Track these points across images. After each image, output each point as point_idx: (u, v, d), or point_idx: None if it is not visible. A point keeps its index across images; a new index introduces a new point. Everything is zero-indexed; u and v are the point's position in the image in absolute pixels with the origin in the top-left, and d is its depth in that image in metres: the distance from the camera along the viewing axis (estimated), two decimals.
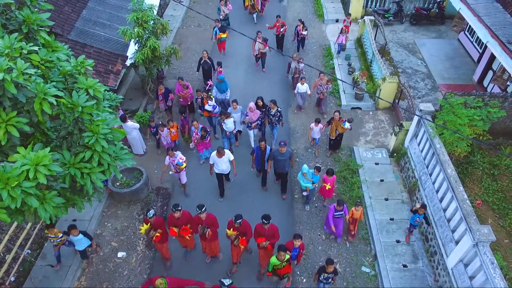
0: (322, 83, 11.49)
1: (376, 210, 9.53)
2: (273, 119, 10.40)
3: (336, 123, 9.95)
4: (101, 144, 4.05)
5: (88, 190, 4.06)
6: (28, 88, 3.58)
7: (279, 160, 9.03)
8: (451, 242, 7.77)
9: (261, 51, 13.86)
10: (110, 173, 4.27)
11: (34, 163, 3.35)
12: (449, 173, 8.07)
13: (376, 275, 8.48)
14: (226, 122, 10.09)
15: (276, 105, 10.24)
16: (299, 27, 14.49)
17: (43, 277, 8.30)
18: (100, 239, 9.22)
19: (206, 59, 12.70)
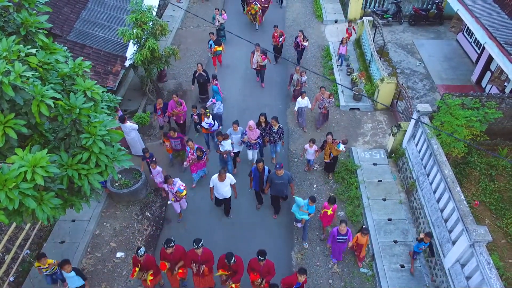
0: (323, 97, 11.13)
1: (374, 210, 9.56)
2: (275, 136, 10.03)
3: (329, 146, 9.51)
4: (98, 146, 4.08)
5: (86, 191, 4.10)
6: (26, 91, 3.62)
7: (276, 184, 8.62)
8: (448, 243, 7.81)
9: (260, 64, 13.25)
10: (108, 174, 4.31)
11: (32, 164, 3.38)
12: (446, 173, 8.11)
13: (373, 275, 8.51)
14: (223, 144, 9.60)
15: (278, 122, 9.88)
16: (299, 38, 13.90)
17: (42, 277, 8.33)
18: (99, 239, 9.26)
19: (201, 72, 12.25)
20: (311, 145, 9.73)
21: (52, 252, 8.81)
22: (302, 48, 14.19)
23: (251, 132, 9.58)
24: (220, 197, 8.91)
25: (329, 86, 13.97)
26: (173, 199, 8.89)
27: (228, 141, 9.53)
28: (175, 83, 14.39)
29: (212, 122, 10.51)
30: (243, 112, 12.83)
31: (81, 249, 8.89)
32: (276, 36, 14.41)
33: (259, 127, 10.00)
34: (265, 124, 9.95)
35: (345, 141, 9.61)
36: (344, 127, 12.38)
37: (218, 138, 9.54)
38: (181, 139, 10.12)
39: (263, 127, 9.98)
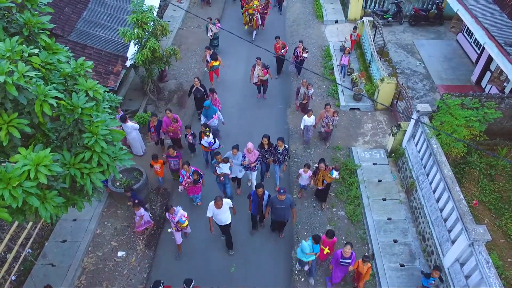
0: (328, 115, 10.62)
1: (374, 210, 9.60)
2: (280, 157, 9.61)
3: (322, 173, 8.98)
4: (100, 145, 4.13)
5: (88, 190, 4.14)
6: (29, 90, 3.66)
7: (277, 209, 8.22)
8: (448, 242, 7.84)
9: (261, 79, 12.74)
10: (110, 173, 4.36)
11: (35, 163, 3.43)
12: (446, 173, 8.14)
13: (373, 274, 8.55)
14: (221, 166, 9.06)
15: (284, 143, 9.46)
16: (299, 49, 13.36)
17: (43, 276, 8.39)
18: (100, 238, 9.30)
19: (198, 87, 11.75)
20: (305, 170, 9.22)
21: (53, 251, 8.88)
22: (302, 60, 13.59)
23: (250, 155, 9.19)
24: (220, 223, 8.36)
25: (329, 86, 14.04)
26: (173, 228, 8.34)
27: (226, 164, 9.03)
28: (175, 83, 14.44)
29: (212, 140, 10.15)
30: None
31: (82, 248, 8.93)
32: (278, 48, 13.87)
33: (262, 149, 9.60)
34: (269, 146, 9.55)
35: (338, 167, 9.17)
36: (344, 127, 12.41)
37: (217, 158, 9.01)
38: (180, 158, 9.79)
39: (266, 149, 9.57)
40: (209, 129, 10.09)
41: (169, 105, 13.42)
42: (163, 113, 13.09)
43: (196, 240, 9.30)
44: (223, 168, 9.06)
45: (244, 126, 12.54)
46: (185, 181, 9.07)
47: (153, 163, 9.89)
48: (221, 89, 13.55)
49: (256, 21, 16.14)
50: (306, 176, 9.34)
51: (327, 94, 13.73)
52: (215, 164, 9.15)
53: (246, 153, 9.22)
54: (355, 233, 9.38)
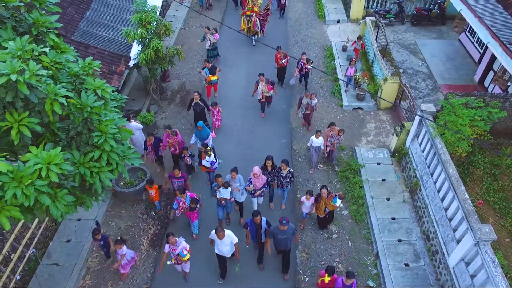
0: (333, 134, 10.13)
1: (378, 209, 9.60)
2: (284, 181, 9.02)
3: (324, 201, 8.39)
4: (109, 144, 4.13)
5: (97, 189, 4.15)
6: (40, 89, 3.66)
7: (279, 239, 7.67)
8: (453, 241, 7.84)
9: (266, 95, 12.05)
10: (118, 172, 4.36)
11: (46, 162, 3.43)
12: (451, 173, 8.14)
13: (378, 274, 8.55)
14: (221, 191, 8.54)
15: (288, 165, 8.86)
16: (303, 61, 12.73)
17: (48, 276, 8.39)
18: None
19: (197, 101, 11.27)
20: (308, 197, 8.63)
21: (58, 251, 8.88)
22: (307, 72, 13.08)
23: (256, 180, 8.49)
24: (219, 253, 7.86)
25: (332, 86, 14.04)
26: (173, 260, 7.79)
27: (227, 189, 8.50)
28: (178, 83, 14.45)
29: (214, 159, 9.64)
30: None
31: (86, 247, 8.93)
32: (279, 58, 13.26)
33: (265, 171, 8.94)
34: (272, 168, 8.96)
35: (342, 195, 8.56)
36: (347, 126, 12.41)
37: (217, 181, 8.47)
38: (185, 179, 9.21)
39: (270, 171, 8.97)
40: (209, 148, 9.56)
41: (172, 104, 13.44)
42: (167, 112, 13.13)
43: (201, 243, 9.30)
44: (223, 193, 8.54)
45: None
46: (181, 207, 8.53)
47: (148, 188, 9.21)
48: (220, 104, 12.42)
49: (254, 23, 15.42)
50: (309, 203, 8.73)
51: (329, 94, 13.74)
52: (215, 187, 8.61)
53: (252, 177, 8.54)
54: (359, 232, 9.39)
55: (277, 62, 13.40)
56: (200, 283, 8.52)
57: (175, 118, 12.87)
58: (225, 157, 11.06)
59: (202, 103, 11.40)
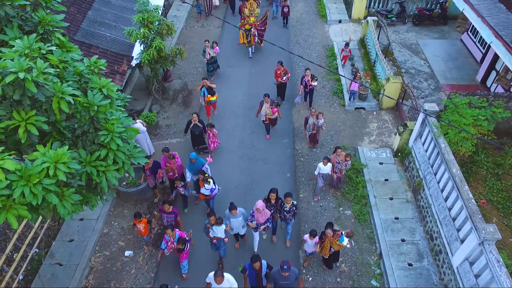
0: (339, 159, 9.47)
1: (381, 209, 9.59)
2: (287, 215, 8.37)
3: (330, 240, 7.66)
4: (116, 143, 4.12)
5: (104, 187, 4.14)
6: (47, 88, 3.65)
7: (281, 284, 7.06)
8: (456, 241, 7.83)
9: (270, 118, 11.24)
10: (124, 171, 4.35)
11: (54, 160, 3.42)
12: (454, 172, 8.13)
13: (381, 273, 8.54)
14: (214, 230, 7.79)
15: (291, 198, 8.18)
16: (307, 77, 11.94)
17: (51, 275, 8.38)
18: (107, 238, 9.29)
19: (196, 123, 10.53)
20: (311, 237, 7.93)
21: (61, 251, 8.87)
22: (311, 89, 12.32)
23: (260, 215, 7.87)
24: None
25: (334, 86, 14.03)
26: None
27: (221, 227, 7.81)
28: (180, 82, 14.44)
29: (213, 186, 8.93)
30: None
31: (89, 247, 8.92)
32: (279, 74, 12.35)
33: (268, 203, 8.31)
34: (276, 201, 8.33)
35: (350, 233, 7.76)
36: (349, 126, 12.41)
37: (210, 219, 7.77)
38: (176, 215, 8.48)
39: (273, 204, 8.34)
40: (208, 175, 8.89)
41: (174, 104, 13.44)
42: (169, 111, 13.12)
43: None
44: (217, 231, 7.82)
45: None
46: (169, 247, 7.86)
47: (136, 222, 8.40)
48: (219, 123, 12.05)
49: (253, 36, 14.99)
50: (312, 243, 8.02)
51: (331, 94, 13.73)
52: (207, 224, 7.87)
53: (255, 212, 7.90)
54: (362, 232, 9.37)
55: (277, 78, 12.52)
56: None
57: (177, 118, 12.87)
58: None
59: (201, 125, 10.61)
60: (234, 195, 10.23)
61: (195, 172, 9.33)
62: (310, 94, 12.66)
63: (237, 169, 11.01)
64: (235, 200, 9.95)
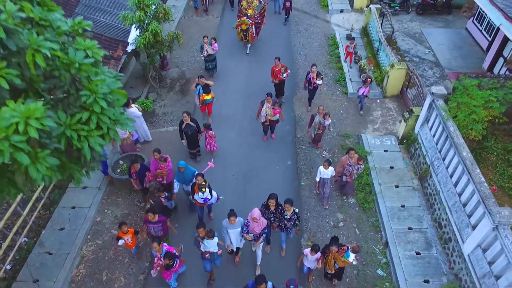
0: (351, 162, 8.63)
1: (386, 197, 9.17)
2: (288, 224, 7.49)
3: (334, 256, 6.86)
4: (100, 105, 3.71)
5: (86, 154, 3.71)
6: (19, 36, 3.24)
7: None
8: (468, 227, 7.41)
9: (270, 119, 10.27)
10: (110, 138, 3.92)
11: (25, 116, 3.00)
12: (465, 155, 7.72)
13: (387, 262, 8.12)
14: (205, 243, 6.90)
15: (292, 205, 7.34)
16: (312, 74, 11.02)
17: (40, 265, 7.96)
18: (100, 226, 8.87)
19: (188, 122, 9.45)
20: (312, 253, 7.00)
21: (51, 240, 8.45)
22: (315, 87, 11.36)
23: (255, 224, 6.97)
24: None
25: (336, 74, 13.62)
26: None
27: (213, 240, 6.89)
28: (178, 71, 14.02)
29: (208, 196, 7.95)
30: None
31: (81, 236, 8.50)
32: (277, 72, 11.30)
33: (268, 210, 7.53)
34: (276, 208, 7.49)
35: (356, 248, 6.86)
36: (352, 114, 12.00)
37: (199, 232, 6.78)
38: (163, 222, 7.53)
39: (272, 211, 7.50)
40: (205, 182, 7.84)
41: (171, 92, 13.02)
42: (166, 99, 12.70)
43: None
44: (209, 245, 6.89)
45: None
46: (156, 264, 6.97)
47: (121, 234, 7.40)
48: (215, 126, 10.85)
49: (251, 35, 14.18)
50: (313, 258, 7.12)
51: (334, 82, 13.32)
52: (198, 238, 6.91)
53: (250, 221, 6.96)
54: (367, 220, 8.96)
55: (274, 76, 11.44)
56: None
57: (174, 106, 12.45)
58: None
59: (194, 124, 9.56)
60: (233, 184, 9.83)
61: (184, 182, 8.38)
62: (313, 92, 11.65)
63: (236, 157, 10.59)
64: (235, 188, 9.63)
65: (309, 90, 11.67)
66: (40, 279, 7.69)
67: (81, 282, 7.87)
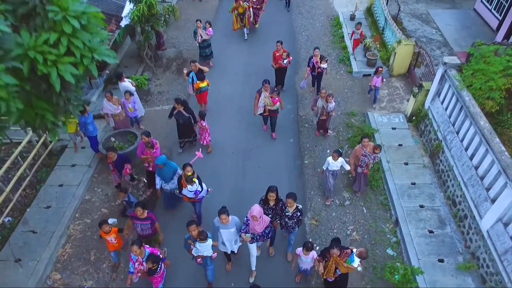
0: (366, 151, 7.69)
1: (395, 174, 8.58)
2: (289, 222, 6.46)
3: (335, 261, 5.79)
4: (71, 24, 3.12)
5: (54, 84, 3.12)
6: None
7: None
8: (486, 201, 6.81)
9: (270, 108, 9.22)
10: (84, 68, 3.32)
11: None
12: (482, 125, 7.13)
13: (398, 242, 7.52)
14: (198, 247, 5.96)
15: (295, 200, 6.30)
16: (316, 58, 10.14)
17: (23, 244, 7.37)
18: (89, 205, 8.29)
19: (180, 110, 8.60)
20: (305, 252, 6.00)
21: (36, 218, 7.87)
22: (320, 72, 10.50)
23: (256, 223, 5.98)
24: None
25: (340, 54, 13.03)
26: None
27: (207, 242, 5.94)
28: (175, 51, 13.47)
29: (199, 188, 6.99)
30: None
31: (68, 214, 7.92)
32: (278, 57, 10.39)
33: (267, 206, 6.49)
34: (275, 203, 6.45)
35: (364, 253, 5.68)
36: (357, 93, 11.42)
37: (190, 229, 5.85)
38: (152, 220, 6.59)
39: (271, 207, 6.48)
40: (193, 172, 6.88)
41: (167, 72, 12.44)
42: (161, 79, 12.12)
43: None
44: (202, 249, 5.98)
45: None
46: (137, 269, 5.91)
47: (103, 234, 6.53)
48: (209, 117, 9.77)
49: (248, 19, 13.38)
50: (308, 258, 6.16)
51: (337, 61, 12.73)
52: (189, 241, 6.01)
53: (250, 220, 5.98)
54: (375, 199, 8.36)
55: (275, 62, 10.59)
56: None
57: (170, 85, 11.88)
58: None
59: (187, 114, 8.70)
60: (232, 160, 9.25)
61: (165, 179, 7.34)
62: (318, 78, 10.73)
63: (235, 134, 10.01)
64: (233, 165, 9.04)
65: (313, 76, 10.80)
66: (23, 258, 7.12)
67: (67, 261, 7.28)
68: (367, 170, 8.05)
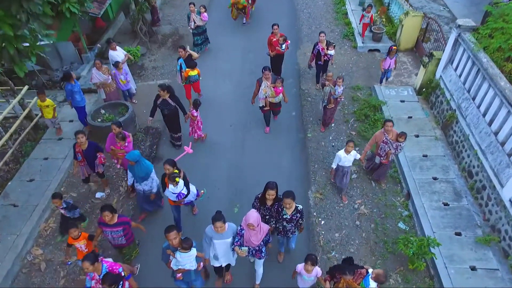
0: (388, 138, 6.61)
1: (406, 146, 7.86)
2: (288, 226, 5.37)
3: (348, 284, 4.74)
4: None
5: None
6: None
7: None
8: (508, 168, 6.22)
9: (272, 101, 8.03)
10: None
11: None
12: (503, 85, 6.52)
13: (410, 215, 6.92)
14: (178, 257, 4.77)
15: (294, 200, 5.10)
16: (321, 44, 9.00)
17: (2, 217, 6.79)
18: (75, 178, 7.66)
19: (165, 98, 7.36)
20: (309, 268, 4.88)
21: (17, 191, 7.28)
22: (326, 60, 9.29)
23: (253, 233, 4.91)
24: None
25: (343, 29, 12.43)
26: None
27: (189, 252, 4.76)
28: (170, 28, 12.89)
29: (184, 191, 5.83)
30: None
31: (53, 187, 7.32)
32: (274, 43, 9.19)
33: (264, 206, 5.47)
34: (274, 202, 5.39)
35: (382, 277, 4.62)
36: (362, 68, 10.83)
37: (169, 238, 4.66)
38: (126, 225, 5.43)
39: (268, 207, 5.44)
40: (178, 171, 5.86)
41: (163, 48, 11.84)
42: (156, 54, 11.52)
43: None
44: (183, 260, 4.78)
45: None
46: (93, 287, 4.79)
47: (71, 241, 5.47)
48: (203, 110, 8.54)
49: (248, 11, 12.66)
50: (311, 277, 5.07)
51: (341, 37, 12.13)
52: (168, 250, 4.84)
53: (245, 229, 4.91)
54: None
55: (271, 48, 9.36)
56: None
57: (165, 60, 11.30)
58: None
59: (174, 103, 7.46)
60: (229, 137, 8.66)
61: (138, 178, 6.21)
62: (324, 67, 9.49)
63: (233, 109, 9.42)
64: (232, 145, 8.41)
65: (318, 66, 9.51)
66: (1, 233, 6.52)
67: (50, 236, 6.69)
68: (387, 160, 6.88)
